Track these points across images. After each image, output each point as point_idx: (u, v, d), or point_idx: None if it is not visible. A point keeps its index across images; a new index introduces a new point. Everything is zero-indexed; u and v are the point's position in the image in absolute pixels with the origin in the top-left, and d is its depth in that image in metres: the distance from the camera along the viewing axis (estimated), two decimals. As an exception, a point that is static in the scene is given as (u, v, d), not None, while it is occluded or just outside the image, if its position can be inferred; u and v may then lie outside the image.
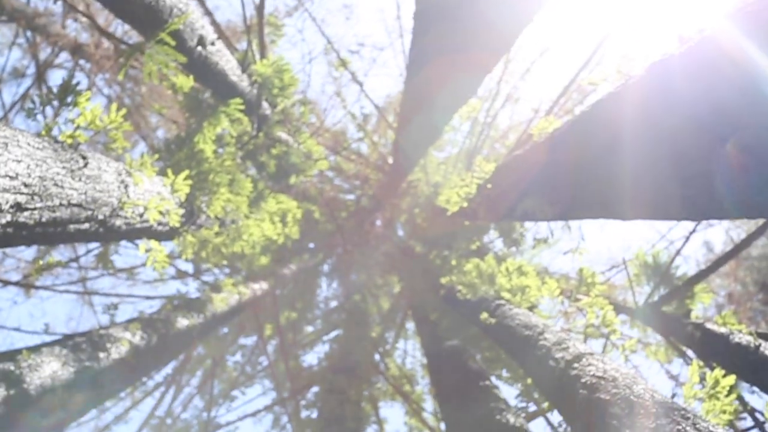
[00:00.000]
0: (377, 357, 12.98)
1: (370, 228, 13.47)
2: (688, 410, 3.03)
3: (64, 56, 13.12)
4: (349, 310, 13.30)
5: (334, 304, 14.92)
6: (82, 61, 13.00)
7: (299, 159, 8.63)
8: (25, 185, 2.90)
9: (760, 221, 6.41)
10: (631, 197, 3.72)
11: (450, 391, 6.80)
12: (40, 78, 12.50)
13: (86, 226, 3.68)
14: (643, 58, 3.28)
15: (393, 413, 32.89)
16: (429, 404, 12.23)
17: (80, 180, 3.48)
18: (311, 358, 19.60)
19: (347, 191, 14.35)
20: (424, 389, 12.63)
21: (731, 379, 4.27)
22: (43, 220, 3.11)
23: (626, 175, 3.56)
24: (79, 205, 3.46)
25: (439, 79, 4.99)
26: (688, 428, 2.84)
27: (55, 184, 3.20)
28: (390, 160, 12.78)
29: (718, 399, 4.28)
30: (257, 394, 13.09)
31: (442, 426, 9.42)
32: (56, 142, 3.47)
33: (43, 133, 3.50)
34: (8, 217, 2.81)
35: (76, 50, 12.70)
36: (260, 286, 9.93)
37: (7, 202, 2.76)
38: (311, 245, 13.33)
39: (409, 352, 14.36)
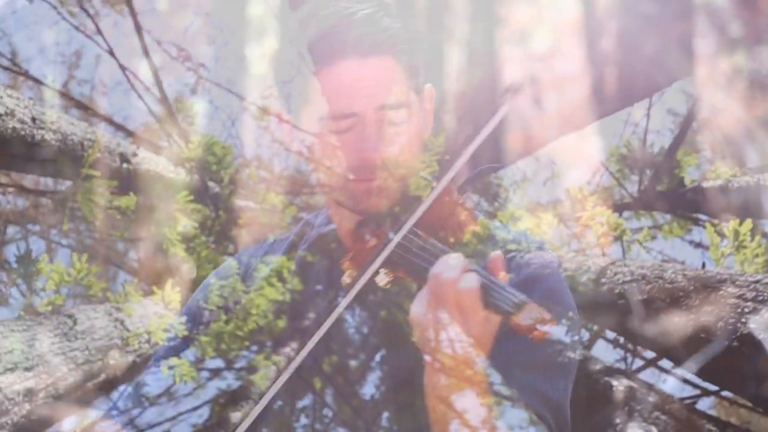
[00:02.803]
0: (427, 358, 12.95)
1: (362, 246, 13.45)
2: (722, 272, 3.05)
3: (12, 229, 13.01)
4: (380, 328, 13.29)
5: (365, 329, 14.92)
6: (30, 226, 12.90)
7: (267, 217, 8.58)
8: (27, 369, 2.88)
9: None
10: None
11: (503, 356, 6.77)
12: (-1, 260, 12.38)
13: (102, 377, 3.67)
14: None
15: (468, 401, 32.84)
16: (495, 377, 12.21)
17: (76, 339, 3.46)
18: (368, 389, 19.49)
19: (326, 223, 14.32)
20: (484, 365, 12.59)
21: (748, 223, 4.24)
22: (61, 392, 3.10)
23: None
24: (86, 362, 3.44)
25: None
26: (729, 289, 2.84)
27: (56, 354, 3.19)
28: (351, 176, 12.76)
29: (745, 247, 4.27)
30: (336, 443, 13.02)
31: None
32: (38, 314, 3.46)
33: (22, 313, 3.49)
34: (27, 406, 2.80)
35: (19, 218, 12.62)
36: (291, 347, 9.91)
37: (18, 394, 2.75)
38: (318, 287, 13.30)
39: (453, 339, 14.34)
